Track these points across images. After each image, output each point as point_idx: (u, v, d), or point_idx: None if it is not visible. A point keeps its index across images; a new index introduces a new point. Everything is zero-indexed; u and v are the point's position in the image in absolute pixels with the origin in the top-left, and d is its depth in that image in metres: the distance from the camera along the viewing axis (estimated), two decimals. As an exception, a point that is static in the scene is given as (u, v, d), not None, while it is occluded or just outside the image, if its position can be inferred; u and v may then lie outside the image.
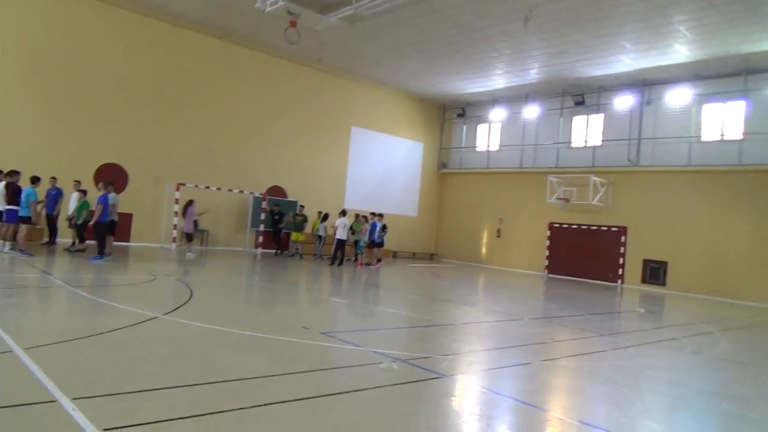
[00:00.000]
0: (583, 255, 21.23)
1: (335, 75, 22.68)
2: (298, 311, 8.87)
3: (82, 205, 14.00)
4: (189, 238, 16.01)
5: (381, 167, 24.77)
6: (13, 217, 12.08)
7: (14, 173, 12.48)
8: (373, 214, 18.96)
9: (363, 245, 18.40)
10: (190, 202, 16.08)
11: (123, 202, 16.85)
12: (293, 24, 15.71)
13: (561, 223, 22.27)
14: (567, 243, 21.95)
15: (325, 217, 19.71)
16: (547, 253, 22.46)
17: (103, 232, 12.51)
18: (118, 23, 17.27)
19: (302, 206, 20.16)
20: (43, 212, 14.42)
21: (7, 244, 12.23)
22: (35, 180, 12.80)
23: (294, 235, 19.69)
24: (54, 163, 15.54)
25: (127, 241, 17.63)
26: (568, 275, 21.53)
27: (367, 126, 24.15)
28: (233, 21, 17.92)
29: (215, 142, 19.50)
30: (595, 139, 21.81)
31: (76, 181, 14.58)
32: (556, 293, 15.69)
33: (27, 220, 12.19)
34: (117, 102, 17.35)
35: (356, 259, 19.12)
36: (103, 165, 17.04)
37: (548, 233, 22.58)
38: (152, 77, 18.05)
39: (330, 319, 8.44)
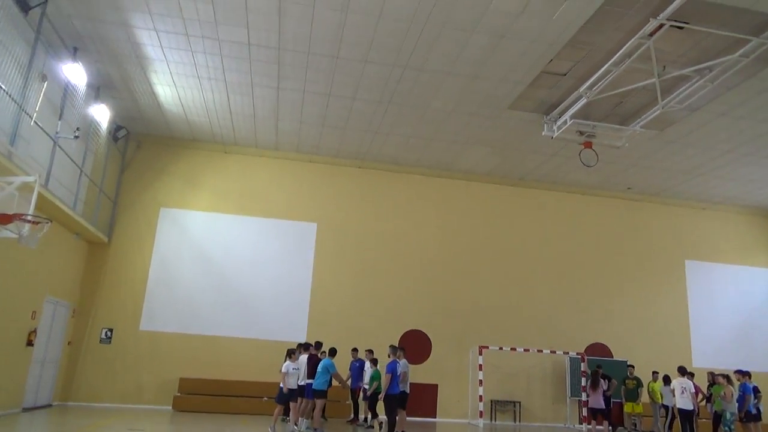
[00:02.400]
0: None
1: (652, 201, 19.20)
2: None
3: (374, 376, 13.12)
4: (603, 416, 13.96)
5: (736, 310, 19.07)
6: (311, 392, 11.66)
7: (318, 345, 12.46)
8: (740, 372, 13.72)
9: (732, 418, 13.12)
10: (598, 369, 14.23)
11: (427, 371, 16.22)
12: (588, 145, 13.65)
13: None
14: None
15: (666, 380, 15.07)
16: None
17: (394, 405, 11.16)
18: (416, 185, 17.70)
19: (632, 366, 16.07)
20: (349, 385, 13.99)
21: (305, 422, 11.75)
22: (333, 352, 12.48)
23: (627, 406, 15.51)
24: (357, 336, 15.49)
25: (433, 416, 16.17)
26: None
27: (706, 258, 19.28)
28: (522, 163, 16.83)
29: (520, 297, 17.62)
30: None
31: (368, 350, 13.99)
32: None
33: (321, 394, 11.62)
34: (415, 267, 17.18)
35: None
36: (406, 332, 16.55)
37: None
38: (447, 237, 17.63)
39: None
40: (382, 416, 12.40)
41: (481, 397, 15.44)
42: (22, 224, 8.05)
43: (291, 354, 11.62)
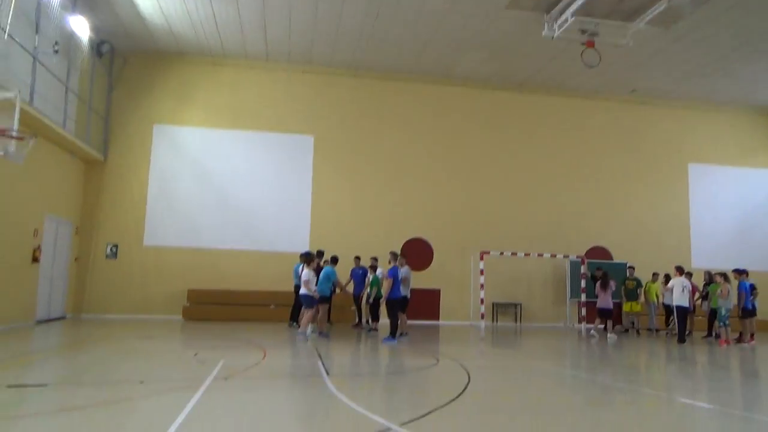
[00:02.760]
0: None
1: (655, 105, 18.74)
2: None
3: (374, 281, 13.40)
4: (606, 316, 14.26)
5: (736, 211, 19.10)
6: (313, 300, 11.80)
7: (319, 254, 12.59)
8: (737, 271, 13.92)
9: (726, 314, 13.47)
10: (598, 270, 14.51)
11: (430, 276, 16.55)
12: (591, 45, 13.11)
13: None
14: None
15: (667, 279, 15.25)
16: None
17: (395, 309, 11.48)
18: (413, 94, 17.35)
19: (632, 268, 16.32)
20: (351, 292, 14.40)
21: (311, 326, 11.89)
22: (334, 260, 12.71)
23: (626, 305, 15.89)
24: (360, 245, 15.62)
25: (436, 319, 16.67)
26: None
27: (709, 161, 19.07)
28: (522, 68, 16.28)
29: (521, 203, 17.68)
30: None
31: (373, 258, 14.13)
32: None
33: (324, 299, 11.93)
34: (415, 176, 17.14)
35: (715, 335, 14.38)
36: (408, 241, 16.69)
37: None
38: (447, 145, 17.48)
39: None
40: (385, 320, 12.83)
41: (482, 300, 15.74)
42: (8, 140, 7.95)
43: (309, 261, 11.58)
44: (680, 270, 13.69)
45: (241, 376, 6.90)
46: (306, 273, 11.37)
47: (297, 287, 12.38)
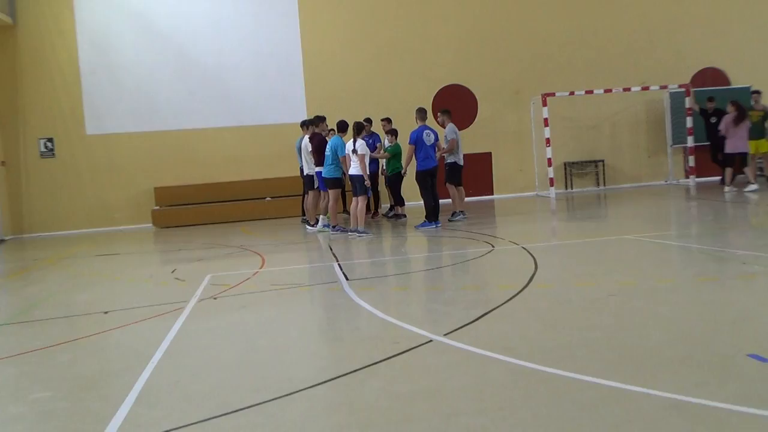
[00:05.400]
0: None
1: None
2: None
3: (391, 150, 13.04)
4: (741, 163, 13.93)
5: None
6: (321, 183, 11.85)
7: (318, 120, 12.29)
8: None
9: None
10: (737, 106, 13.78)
11: (475, 136, 16.25)
12: None
13: None
14: None
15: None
16: None
17: (428, 182, 11.42)
18: None
19: (757, 93, 15.56)
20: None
21: (322, 218, 12.13)
22: (342, 127, 12.12)
23: (751, 145, 15.27)
24: (374, 105, 15.21)
25: (489, 193, 16.72)
26: None
27: None
28: None
29: (593, 21, 16.91)
30: None
31: (385, 120, 13.69)
32: None
33: (334, 182, 11.67)
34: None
35: None
36: (440, 91, 16.40)
37: None
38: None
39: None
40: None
41: (549, 160, 15.58)
42: None
43: (360, 129, 11.26)
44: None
45: (233, 292, 7.02)
46: (360, 144, 11.12)
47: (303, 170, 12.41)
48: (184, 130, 15.65)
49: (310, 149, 11.90)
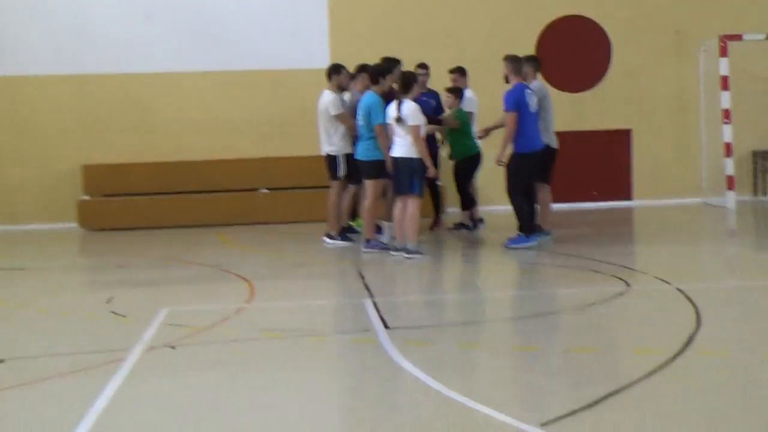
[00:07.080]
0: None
1: None
2: None
3: (459, 116, 11.55)
4: None
5: None
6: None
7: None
8: None
9: None
10: None
11: (606, 102, 14.93)
12: None
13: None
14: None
15: None
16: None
17: (526, 176, 10.45)
18: None
19: None
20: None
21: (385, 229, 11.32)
22: (378, 76, 10.89)
23: None
24: (429, 48, 13.63)
25: (626, 197, 14.99)
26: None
27: None
28: None
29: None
30: None
31: (456, 69, 12.03)
32: None
33: (374, 168, 10.30)
34: None
35: None
36: (547, 27, 14.65)
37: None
38: None
39: None
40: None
41: (729, 146, 13.41)
42: None
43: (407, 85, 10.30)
44: None
45: (201, 339, 6.56)
46: (411, 109, 10.03)
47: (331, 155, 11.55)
48: (135, 74, 14.06)
49: (332, 112, 11.07)
